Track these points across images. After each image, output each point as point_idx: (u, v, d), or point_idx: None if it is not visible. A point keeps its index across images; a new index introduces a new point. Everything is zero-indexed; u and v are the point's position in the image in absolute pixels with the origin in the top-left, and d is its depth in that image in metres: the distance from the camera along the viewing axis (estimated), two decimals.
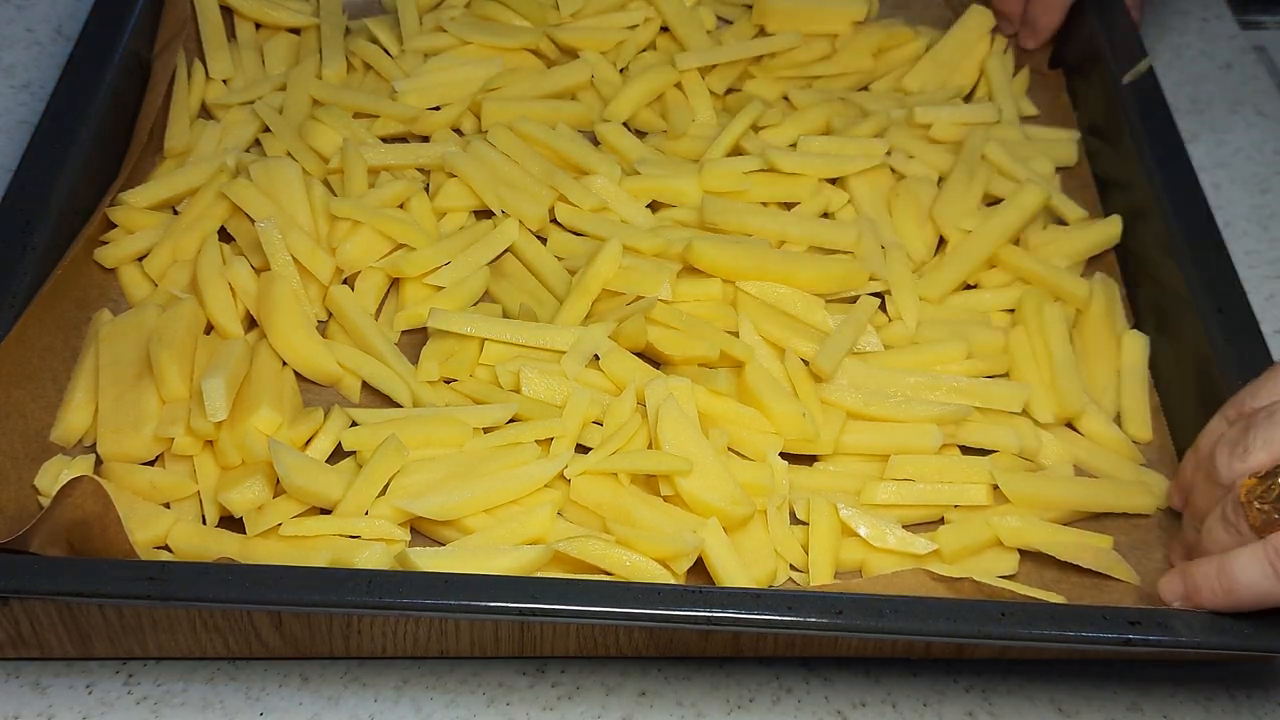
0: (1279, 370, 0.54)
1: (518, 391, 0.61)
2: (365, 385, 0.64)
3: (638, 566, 0.54)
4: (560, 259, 0.68)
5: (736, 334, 0.64)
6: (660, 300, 0.64)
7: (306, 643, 0.54)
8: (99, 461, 0.59)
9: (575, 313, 0.64)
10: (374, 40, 0.79)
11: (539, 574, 0.55)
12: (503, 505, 0.57)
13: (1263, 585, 0.50)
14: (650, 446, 0.59)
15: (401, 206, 0.70)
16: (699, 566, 0.56)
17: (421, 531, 0.58)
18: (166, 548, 0.57)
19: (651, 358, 0.63)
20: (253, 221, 0.66)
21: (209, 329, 0.64)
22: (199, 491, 0.58)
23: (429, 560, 0.53)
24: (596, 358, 0.62)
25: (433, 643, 0.54)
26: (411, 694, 0.55)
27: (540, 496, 0.58)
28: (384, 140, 0.74)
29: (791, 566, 0.57)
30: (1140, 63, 0.75)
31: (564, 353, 0.62)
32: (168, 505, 0.58)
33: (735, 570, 0.55)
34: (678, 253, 0.66)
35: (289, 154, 0.72)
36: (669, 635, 0.54)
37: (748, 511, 0.57)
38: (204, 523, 0.58)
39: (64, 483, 0.52)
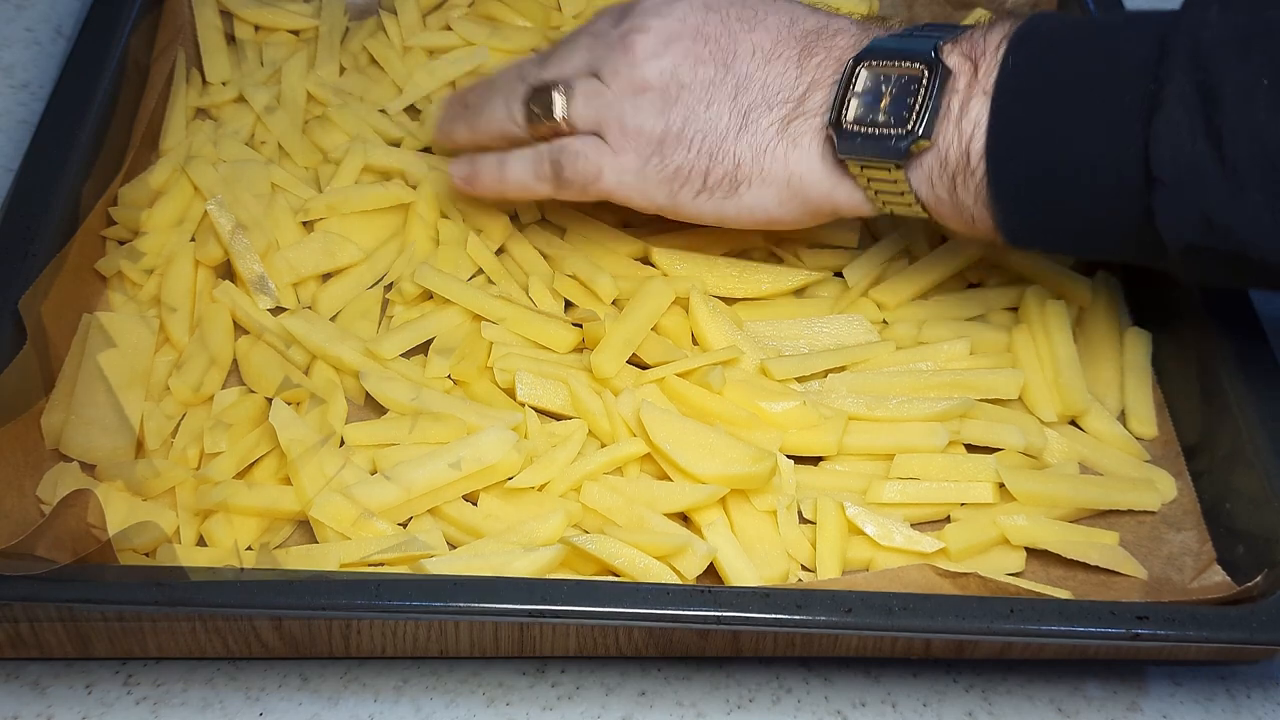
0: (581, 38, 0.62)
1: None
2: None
3: (650, 568, 0.54)
4: None
5: None
6: None
7: (306, 643, 0.54)
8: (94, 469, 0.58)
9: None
10: (381, 30, 0.79)
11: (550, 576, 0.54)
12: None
13: (528, 183, 0.61)
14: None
15: None
16: (710, 571, 0.56)
17: None
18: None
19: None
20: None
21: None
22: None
23: (445, 565, 0.53)
24: None
25: (432, 643, 0.54)
26: (411, 694, 0.54)
27: (552, 503, 0.57)
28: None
29: (803, 566, 0.57)
30: None
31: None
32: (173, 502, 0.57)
33: (747, 574, 0.55)
34: None
35: (280, 145, 0.72)
36: (669, 635, 0.54)
37: (768, 467, 0.56)
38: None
39: (63, 495, 0.52)
